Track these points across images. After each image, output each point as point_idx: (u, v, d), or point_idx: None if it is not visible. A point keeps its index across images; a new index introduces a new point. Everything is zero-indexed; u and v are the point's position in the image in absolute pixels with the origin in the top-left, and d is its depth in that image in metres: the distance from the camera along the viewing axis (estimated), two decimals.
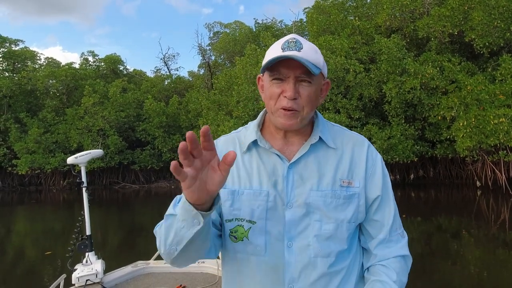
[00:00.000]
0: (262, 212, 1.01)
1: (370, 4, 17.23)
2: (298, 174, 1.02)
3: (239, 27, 25.50)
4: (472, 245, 7.15)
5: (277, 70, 0.97)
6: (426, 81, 12.50)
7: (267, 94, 1.01)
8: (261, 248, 1.01)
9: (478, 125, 11.19)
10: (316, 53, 0.99)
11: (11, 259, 7.42)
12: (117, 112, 18.94)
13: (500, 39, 12.35)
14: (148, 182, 19.96)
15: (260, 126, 1.11)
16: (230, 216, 1.04)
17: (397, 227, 1.09)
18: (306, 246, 1.00)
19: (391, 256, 1.05)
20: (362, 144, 1.09)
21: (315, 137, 1.05)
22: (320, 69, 0.98)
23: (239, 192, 1.04)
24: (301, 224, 1.01)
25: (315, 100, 1.01)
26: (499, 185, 12.30)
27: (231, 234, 1.05)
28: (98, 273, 3.11)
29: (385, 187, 1.08)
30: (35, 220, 12.25)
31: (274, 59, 0.94)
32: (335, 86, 13.35)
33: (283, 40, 0.99)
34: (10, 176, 20.25)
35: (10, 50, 22.63)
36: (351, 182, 1.04)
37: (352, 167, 1.05)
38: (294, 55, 0.93)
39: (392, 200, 1.09)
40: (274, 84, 0.98)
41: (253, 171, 1.05)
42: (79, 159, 3.21)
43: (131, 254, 6.68)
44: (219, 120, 15.22)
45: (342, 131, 1.12)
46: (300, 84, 0.97)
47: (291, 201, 1.01)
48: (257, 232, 1.01)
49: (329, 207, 1.00)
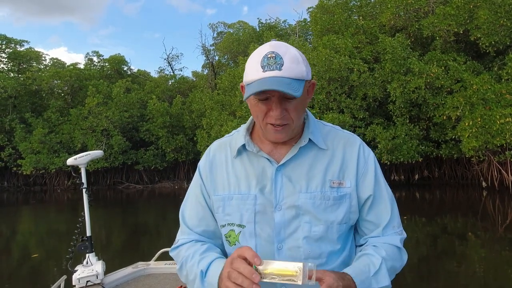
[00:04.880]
0: (250, 216, 1.02)
1: (374, 3, 17.15)
2: (287, 177, 1.02)
3: (243, 27, 25.49)
4: (478, 246, 7.07)
5: (261, 92, 0.93)
6: (431, 81, 12.40)
7: (254, 111, 1.00)
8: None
9: (484, 125, 11.07)
10: (298, 63, 0.94)
11: (12, 260, 7.44)
12: (121, 112, 18.99)
13: (506, 37, 12.22)
14: (152, 182, 20.01)
15: (250, 129, 1.11)
16: (223, 222, 1.07)
17: (394, 225, 1.06)
18: (296, 248, 1.00)
19: (384, 242, 1.04)
20: (354, 143, 1.08)
21: (304, 139, 1.04)
22: (304, 80, 0.95)
23: (229, 197, 1.06)
24: (290, 226, 1.01)
25: (303, 108, 1.01)
26: (506, 186, 12.17)
27: (226, 239, 1.07)
28: (98, 274, 3.10)
29: (378, 186, 1.06)
30: (39, 220, 12.30)
31: (256, 91, 0.91)
32: (339, 86, 13.29)
33: (262, 55, 0.94)
34: (15, 176, 20.39)
35: (15, 51, 22.79)
36: (342, 183, 1.03)
37: (343, 167, 1.04)
38: (275, 80, 0.90)
39: (388, 199, 1.07)
40: (259, 102, 0.97)
41: (242, 175, 1.06)
42: (78, 160, 3.20)
43: (133, 255, 6.67)
44: (223, 120, 15.21)
45: (334, 131, 1.11)
46: (285, 101, 0.95)
47: (280, 203, 1.01)
48: (247, 236, 1.03)
49: (318, 209, 1.00)
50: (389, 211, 1.06)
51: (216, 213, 1.07)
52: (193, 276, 0.99)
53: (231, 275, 0.85)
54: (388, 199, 1.07)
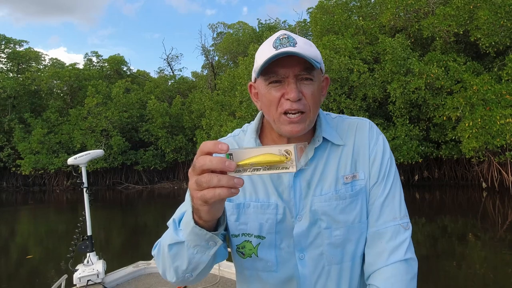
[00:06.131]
0: (271, 226, 0.93)
1: (374, 4, 17.18)
2: (306, 182, 0.94)
3: (243, 28, 25.50)
4: (478, 247, 7.06)
5: (273, 71, 0.85)
6: (431, 81, 12.40)
7: (265, 101, 0.89)
8: (272, 263, 0.94)
9: (484, 125, 11.07)
10: (311, 46, 0.88)
11: (11, 260, 7.41)
12: (120, 113, 18.98)
13: (506, 38, 12.23)
14: (151, 183, 19.98)
15: (258, 131, 1.00)
16: (237, 231, 0.95)
17: (395, 216, 0.92)
18: (319, 256, 0.93)
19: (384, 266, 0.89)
20: (363, 127, 0.98)
21: (318, 138, 0.95)
22: (319, 63, 0.88)
23: (244, 205, 0.95)
24: (310, 234, 0.93)
25: (319, 98, 0.92)
26: (506, 187, 12.17)
27: (238, 250, 0.96)
28: (99, 273, 3.10)
29: (382, 170, 0.94)
30: (38, 220, 12.27)
31: (269, 59, 0.82)
32: (339, 86, 13.28)
33: (274, 38, 0.87)
34: (14, 176, 20.36)
35: (14, 51, 22.77)
36: (356, 175, 0.94)
37: (355, 156, 0.95)
38: (291, 51, 0.82)
39: (392, 184, 0.94)
40: (272, 88, 0.87)
41: (258, 181, 0.96)
42: (78, 160, 3.19)
43: (133, 254, 6.64)
44: (222, 120, 15.20)
45: (342, 121, 1.01)
46: (301, 83, 0.86)
47: (300, 213, 0.93)
48: (267, 248, 0.93)
49: (335, 210, 0.91)
50: (389, 198, 0.94)
51: (228, 220, 0.96)
52: (167, 237, 0.83)
53: (200, 180, 0.63)
54: (391, 183, 0.95)
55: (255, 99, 0.97)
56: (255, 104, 0.98)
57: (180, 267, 0.81)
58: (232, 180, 0.61)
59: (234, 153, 0.64)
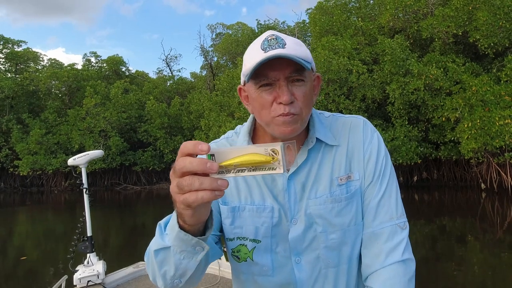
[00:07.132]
0: (267, 230, 0.92)
1: (373, 5, 17.21)
2: (300, 185, 0.92)
3: (242, 28, 25.54)
4: (476, 248, 7.07)
5: (264, 74, 0.83)
6: (430, 82, 12.42)
7: (257, 105, 0.87)
8: (268, 268, 0.93)
9: (483, 126, 11.09)
10: (301, 46, 0.86)
11: (8, 261, 7.37)
12: (119, 113, 18.94)
13: (505, 39, 12.26)
14: (149, 184, 19.93)
15: (251, 133, 0.98)
16: (231, 235, 0.95)
17: (392, 216, 0.91)
18: (315, 259, 0.92)
19: (381, 267, 0.88)
20: (357, 125, 0.97)
21: (312, 139, 0.93)
22: (310, 63, 0.86)
23: (240, 208, 0.94)
24: (306, 237, 0.92)
25: (311, 99, 0.90)
26: (505, 188, 12.18)
27: (233, 254, 0.96)
28: (99, 274, 3.09)
29: (377, 169, 0.92)
30: (36, 221, 12.21)
31: (259, 63, 0.80)
32: (338, 87, 13.29)
33: (261, 39, 0.85)
34: (12, 177, 20.28)
35: (12, 51, 22.72)
36: (350, 176, 0.92)
37: (349, 156, 0.93)
38: (281, 53, 0.80)
39: (387, 183, 0.93)
40: (263, 91, 0.85)
41: (253, 184, 0.95)
42: (78, 161, 3.18)
43: (132, 255, 6.62)
44: (221, 121, 15.18)
45: (335, 120, 0.99)
46: (293, 85, 0.85)
47: (295, 216, 0.92)
48: (262, 252, 0.93)
49: (331, 214, 0.90)
50: (385, 198, 0.92)
51: (223, 224, 0.95)
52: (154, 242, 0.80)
53: (181, 183, 0.60)
54: (387, 183, 0.93)
55: (246, 102, 0.95)
56: (246, 107, 0.96)
57: (168, 272, 0.79)
58: (215, 182, 0.59)
59: (216, 154, 0.61)
